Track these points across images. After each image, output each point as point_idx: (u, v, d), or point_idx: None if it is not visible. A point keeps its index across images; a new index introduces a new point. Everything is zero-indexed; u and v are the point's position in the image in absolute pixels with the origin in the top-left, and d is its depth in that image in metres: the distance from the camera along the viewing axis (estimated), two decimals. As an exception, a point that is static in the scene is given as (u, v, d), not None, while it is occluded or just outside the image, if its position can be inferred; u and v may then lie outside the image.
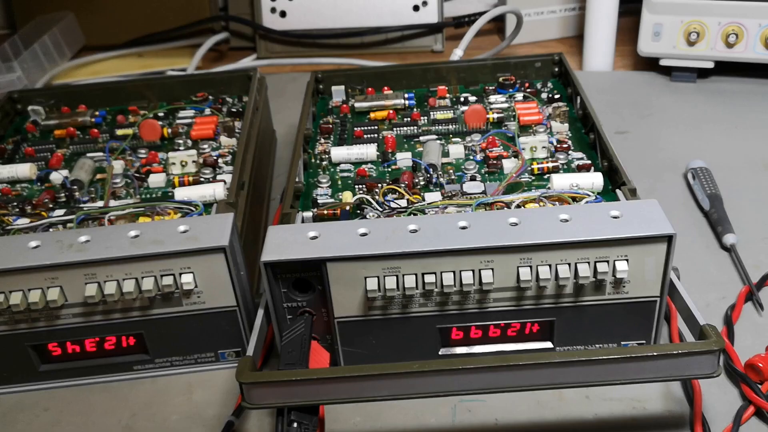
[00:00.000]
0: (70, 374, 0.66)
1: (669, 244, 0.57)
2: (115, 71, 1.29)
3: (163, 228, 0.61)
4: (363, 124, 0.83)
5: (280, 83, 1.17)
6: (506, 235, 0.57)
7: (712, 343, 0.52)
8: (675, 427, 0.59)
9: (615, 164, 0.68)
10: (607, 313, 0.61)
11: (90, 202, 0.72)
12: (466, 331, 0.62)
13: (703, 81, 1.12)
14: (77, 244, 0.60)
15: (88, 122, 0.87)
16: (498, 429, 0.60)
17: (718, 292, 0.71)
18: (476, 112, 0.80)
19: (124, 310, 0.62)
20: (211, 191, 0.70)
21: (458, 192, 0.69)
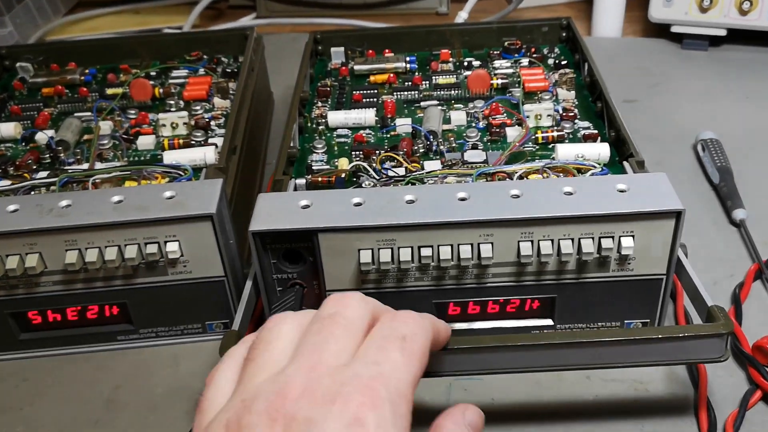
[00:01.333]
0: (52, 343, 0.64)
1: (677, 220, 0.55)
2: (110, 28, 1.26)
3: (147, 193, 0.59)
4: (362, 88, 0.80)
5: (279, 43, 1.14)
6: (507, 207, 0.55)
7: (720, 326, 0.50)
8: (679, 410, 0.57)
9: (623, 135, 0.65)
10: (610, 291, 0.59)
11: (76, 164, 0.69)
12: (463, 307, 0.60)
13: (715, 49, 1.09)
14: (57, 209, 0.57)
15: (78, 80, 0.84)
16: (494, 409, 0.58)
17: (726, 270, 0.69)
18: (480, 77, 0.78)
19: (107, 278, 0.60)
20: (202, 155, 0.67)
21: (459, 161, 0.66)
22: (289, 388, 0.36)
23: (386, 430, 0.35)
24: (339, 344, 0.38)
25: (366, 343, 0.39)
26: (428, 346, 0.41)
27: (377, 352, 0.38)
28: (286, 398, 0.35)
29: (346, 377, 0.36)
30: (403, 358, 0.38)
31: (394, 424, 0.35)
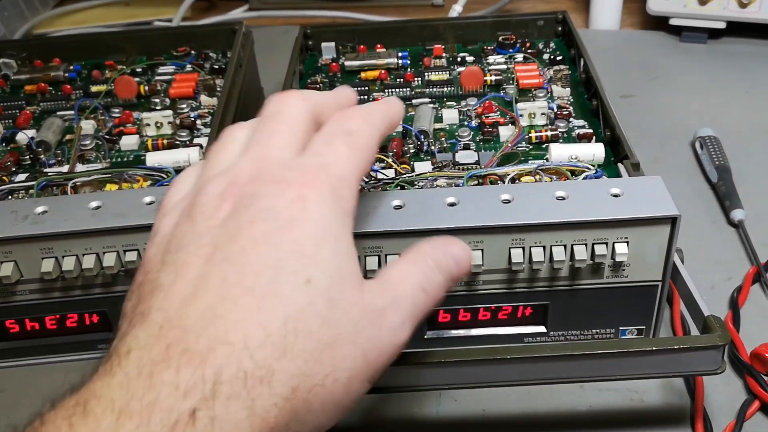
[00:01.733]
0: (30, 353, 0.62)
1: (673, 226, 0.53)
2: (99, 21, 1.23)
3: (127, 198, 0.57)
4: (353, 85, 0.78)
5: (271, 36, 1.12)
6: (498, 213, 0.53)
7: (717, 338, 0.48)
8: (674, 421, 0.55)
9: (618, 135, 0.63)
10: (604, 298, 0.57)
11: (57, 166, 0.67)
12: (453, 314, 0.58)
13: (714, 42, 1.07)
14: (33, 215, 0.55)
15: (62, 77, 0.82)
16: (485, 420, 0.56)
17: (723, 273, 0.67)
18: (473, 73, 0.76)
19: (86, 286, 0.58)
20: (186, 156, 0.66)
21: (450, 162, 0.64)
22: (239, 175, 0.39)
23: (324, 207, 0.38)
24: (283, 139, 0.41)
25: (313, 138, 0.42)
26: (376, 140, 0.44)
27: (322, 146, 0.41)
28: (235, 183, 0.39)
29: (291, 165, 0.40)
30: (348, 149, 0.41)
31: (333, 204, 0.38)
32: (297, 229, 0.37)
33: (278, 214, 0.37)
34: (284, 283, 0.35)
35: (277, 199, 0.38)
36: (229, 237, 0.37)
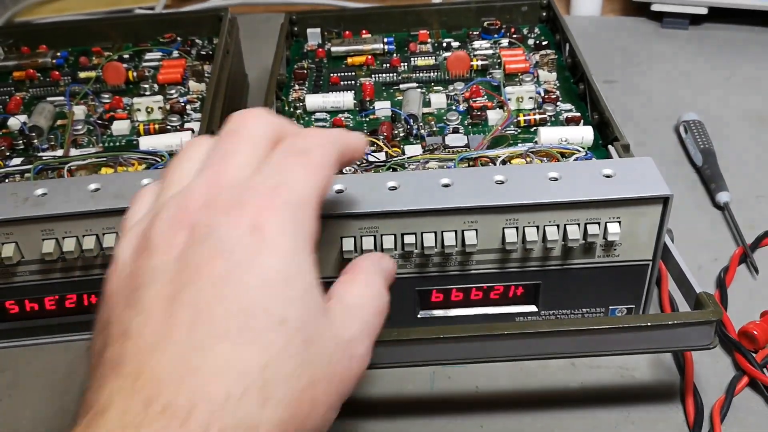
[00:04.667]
0: (30, 333, 0.62)
1: (665, 205, 0.54)
2: (79, 8, 1.23)
3: (125, 181, 0.57)
4: (340, 70, 0.79)
5: (253, 23, 1.12)
6: (492, 194, 0.54)
7: (710, 313, 0.49)
8: (665, 397, 0.56)
9: (606, 118, 0.64)
10: (596, 277, 0.58)
11: (50, 150, 0.67)
12: (446, 294, 0.59)
13: (696, 28, 1.08)
14: (33, 198, 0.56)
15: (49, 64, 0.82)
16: (478, 397, 0.57)
17: (710, 254, 0.68)
18: (459, 59, 0.76)
19: (85, 267, 0.58)
20: (178, 140, 0.66)
21: (440, 145, 0.65)
22: (192, 199, 0.38)
23: (285, 236, 0.36)
24: (240, 157, 0.40)
25: (268, 157, 0.40)
26: (334, 158, 0.42)
27: (278, 166, 0.39)
28: (188, 209, 0.37)
29: (246, 187, 0.38)
30: (305, 169, 0.39)
31: (294, 231, 0.37)
32: (260, 265, 0.35)
33: (237, 247, 0.35)
34: (257, 326, 0.34)
35: (232, 230, 0.36)
36: (190, 276, 0.35)
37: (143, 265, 0.37)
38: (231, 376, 0.33)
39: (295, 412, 0.34)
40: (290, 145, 0.41)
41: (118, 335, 0.35)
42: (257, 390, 0.33)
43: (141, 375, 0.33)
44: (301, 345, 0.35)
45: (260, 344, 0.34)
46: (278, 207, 0.37)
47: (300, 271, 0.37)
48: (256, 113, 0.42)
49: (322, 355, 0.36)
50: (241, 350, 0.33)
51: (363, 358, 0.39)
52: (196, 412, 0.31)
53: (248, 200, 0.37)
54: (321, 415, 0.36)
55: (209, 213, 0.37)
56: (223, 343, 0.33)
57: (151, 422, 0.31)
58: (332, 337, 0.37)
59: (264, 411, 0.33)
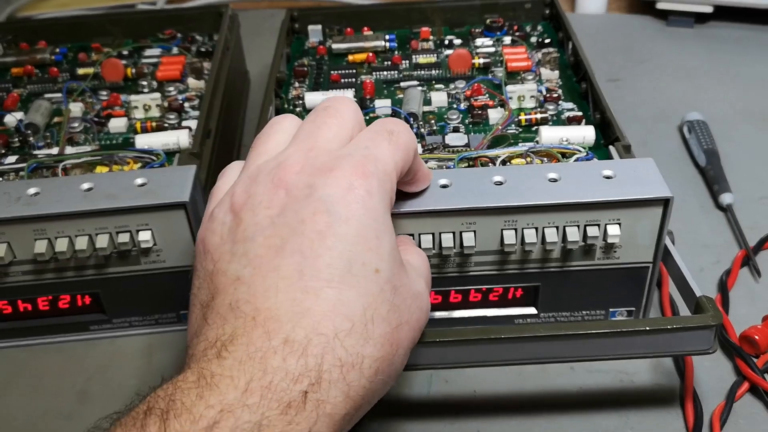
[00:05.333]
0: (22, 334, 0.62)
1: (665, 207, 0.53)
2: (82, 4, 1.22)
3: (118, 180, 0.57)
4: (340, 68, 0.78)
5: (256, 19, 1.11)
6: (490, 195, 0.53)
7: (709, 318, 0.49)
8: (664, 402, 0.56)
9: (608, 117, 0.64)
10: (596, 279, 0.57)
11: (46, 148, 0.67)
12: (445, 296, 0.59)
13: (701, 26, 1.07)
14: (26, 197, 0.55)
15: (48, 60, 0.81)
16: (477, 401, 0.57)
17: (712, 256, 0.68)
18: (461, 56, 0.76)
19: (78, 267, 0.58)
20: (175, 139, 0.65)
21: (440, 144, 0.65)
22: (290, 164, 0.42)
23: (375, 198, 0.41)
24: (332, 131, 0.45)
25: (358, 135, 0.45)
26: (413, 148, 0.47)
27: (368, 140, 0.44)
28: (287, 171, 0.42)
29: (340, 155, 0.43)
30: (390, 145, 0.44)
31: (382, 196, 0.42)
32: (357, 220, 0.40)
33: (337, 204, 0.40)
34: (357, 274, 0.39)
35: (332, 188, 0.41)
36: (293, 229, 0.40)
37: (246, 219, 0.41)
38: (338, 317, 0.38)
39: (387, 351, 0.40)
40: (380, 125, 0.46)
41: (229, 283, 0.40)
42: (361, 328, 0.39)
43: (259, 314, 0.38)
44: (391, 293, 0.41)
45: (360, 289, 0.39)
46: (369, 173, 0.42)
47: (387, 229, 0.42)
48: (348, 99, 0.48)
49: (404, 303, 0.42)
50: (345, 294, 0.39)
51: (428, 311, 0.45)
52: (311, 345, 0.37)
53: (343, 165, 0.42)
54: (401, 357, 0.41)
55: (307, 175, 0.41)
56: (329, 287, 0.39)
57: (275, 351, 0.37)
58: (410, 289, 0.43)
59: (366, 347, 0.38)
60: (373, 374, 0.39)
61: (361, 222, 0.40)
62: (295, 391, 0.36)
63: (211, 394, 0.35)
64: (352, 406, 0.38)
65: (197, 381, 0.36)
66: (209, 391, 0.35)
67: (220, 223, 0.43)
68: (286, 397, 0.36)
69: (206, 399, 0.35)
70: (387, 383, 0.41)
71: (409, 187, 0.52)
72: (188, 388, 0.36)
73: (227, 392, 0.35)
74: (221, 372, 0.36)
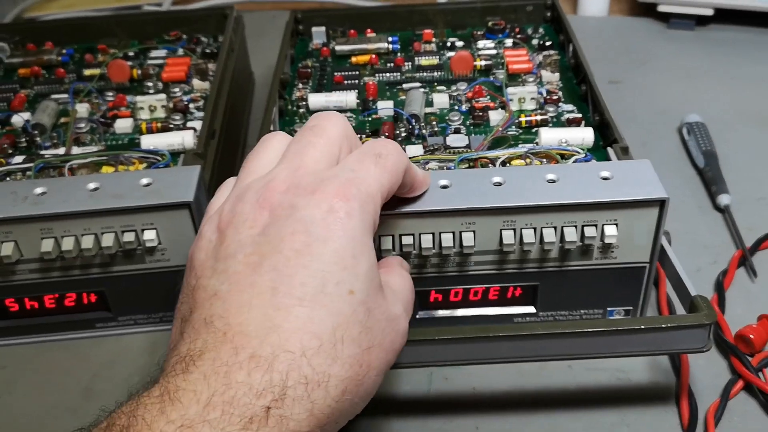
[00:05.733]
0: (29, 331, 0.63)
1: (661, 208, 0.54)
2: (88, 5, 1.23)
3: (124, 180, 0.57)
4: (344, 69, 0.79)
5: (260, 21, 1.12)
6: (489, 195, 0.54)
7: (703, 317, 0.49)
8: (660, 399, 0.56)
9: (607, 119, 0.64)
10: (593, 279, 0.58)
11: (52, 148, 0.68)
12: (445, 294, 0.59)
13: (702, 29, 1.08)
14: (33, 197, 0.56)
15: (55, 61, 0.82)
16: (476, 398, 0.57)
17: (709, 256, 0.68)
18: (463, 59, 0.77)
19: (84, 266, 0.59)
20: (180, 139, 0.66)
21: (441, 145, 0.65)
22: (275, 184, 0.43)
23: (352, 218, 0.41)
24: (318, 152, 0.45)
25: (347, 157, 0.46)
26: (402, 169, 0.47)
27: (354, 163, 0.45)
28: (273, 191, 0.43)
29: (325, 176, 0.43)
30: (377, 168, 0.45)
31: (360, 216, 0.42)
32: (335, 241, 0.41)
33: (316, 225, 0.41)
34: (330, 293, 0.40)
35: (313, 210, 0.41)
36: (273, 247, 0.41)
37: (229, 237, 0.42)
38: (306, 335, 0.38)
39: (356, 372, 0.40)
40: (369, 147, 0.46)
41: (206, 298, 0.41)
42: (329, 348, 0.39)
43: (230, 329, 0.38)
44: (364, 314, 0.41)
45: (332, 309, 0.39)
46: (351, 196, 0.42)
47: (365, 251, 0.42)
48: (334, 116, 0.48)
49: (378, 326, 0.42)
50: (316, 313, 0.39)
51: (404, 335, 0.45)
52: (277, 361, 0.37)
53: (326, 187, 0.42)
54: (372, 378, 0.41)
55: (291, 195, 0.42)
56: (301, 305, 0.39)
57: (240, 366, 0.37)
58: (385, 311, 0.43)
59: (333, 366, 0.39)
60: (340, 394, 0.39)
61: (339, 243, 0.41)
62: (258, 406, 0.36)
63: (173, 409, 0.36)
64: (316, 424, 0.38)
65: (161, 396, 0.36)
66: (171, 406, 0.36)
67: (207, 241, 0.44)
68: (248, 411, 0.36)
69: (167, 414, 0.36)
70: (355, 405, 0.41)
71: (408, 195, 0.53)
72: (151, 404, 0.36)
73: (189, 407, 0.36)
74: (185, 386, 0.36)
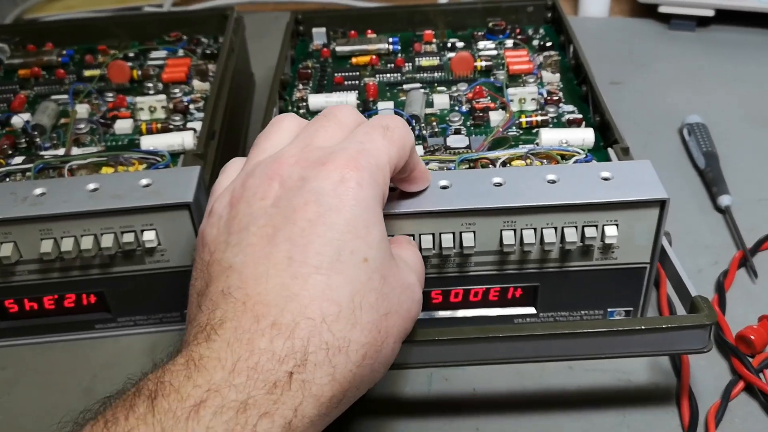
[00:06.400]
0: (29, 332, 0.63)
1: (662, 209, 0.54)
2: (88, 6, 1.23)
3: (123, 181, 0.57)
4: (344, 70, 0.79)
5: (261, 22, 1.12)
6: (489, 196, 0.54)
7: (704, 317, 0.49)
8: (661, 400, 0.56)
9: (607, 120, 0.64)
10: (593, 280, 0.58)
11: (52, 149, 0.68)
12: (445, 295, 0.59)
13: (703, 30, 1.08)
14: (32, 197, 0.56)
15: (55, 62, 0.82)
16: (476, 399, 0.57)
17: (710, 257, 0.68)
18: (463, 59, 0.76)
19: (84, 267, 0.59)
20: (180, 140, 0.66)
21: (441, 146, 0.65)
22: (285, 158, 0.44)
23: (366, 190, 0.42)
24: (329, 132, 0.46)
25: (354, 130, 0.47)
26: (409, 144, 0.48)
27: (363, 135, 0.46)
28: (282, 164, 0.44)
29: (335, 149, 0.44)
30: (384, 140, 0.45)
31: (373, 188, 0.43)
32: (347, 210, 0.41)
33: (328, 195, 0.41)
34: (346, 261, 0.41)
35: (324, 181, 0.42)
36: (285, 218, 0.41)
37: (242, 211, 0.43)
38: (325, 302, 0.39)
39: (375, 337, 0.41)
40: (376, 120, 0.47)
41: (222, 271, 0.41)
42: (348, 314, 0.40)
43: (249, 299, 0.39)
44: (379, 281, 0.42)
45: (348, 277, 0.40)
46: (361, 167, 0.43)
47: (377, 221, 0.43)
48: (347, 106, 0.49)
49: (393, 292, 0.43)
50: (334, 280, 0.40)
51: (419, 303, 0.46)
52: (298, 328, 0.38)
53: (336, 158, 0.43)
54: (390, 345, 0.42)
55: (301, 168, 0.43)
56: (318, 273, 0.40)
57: (262, 334, 0.38)
58: (399, 279, 0.44)
59: (353, 332, 0.40)
60: (360, 359, 0.40)
61: (351, 212, 0.41)
62: (281, 372, 0.37)
63: (198, 375, 0.37)
64: (339, 389, 0.39)
65: (186, 364, 0.37)
66: (197, 372, 0.37)
67: (218, 217, 0.44)
68: (272, 377, 0.37)
69: (194, 380, 0.36)
70: (375, 371, 0.42)
71: (407, 186, 0.53)
72: (177, 371, 0.37)
73: (214, 373, 0.37)
74: (209, 354, 0.37)
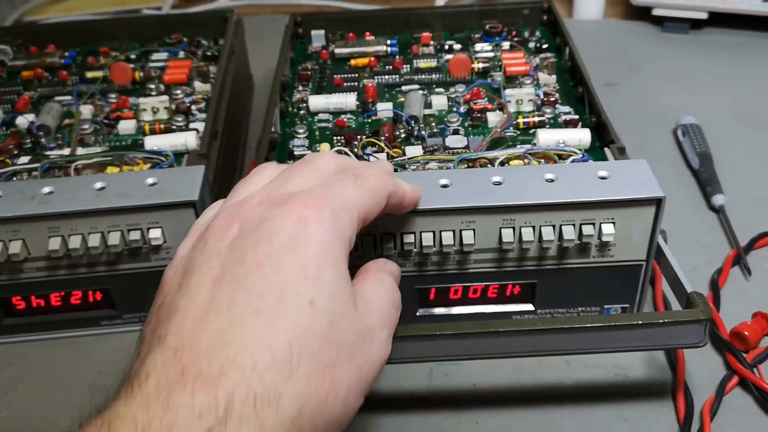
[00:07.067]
0: (35, 328, 0.63)
1: (658, 207, 0.55)
2: (88, 8, 1.24)
3: (130, 180, 0.58)
4: (343, 72, 0.80)
5: (259, 24, 1.13)
6: (489, 194, 0.55)
7: (699, 312, 0.50)
8: (657, 395, 0.57)
9: (603, 120, 0.65)
10: (591, 277, 0.59)
11: (57, 149, 0.69)
12: (444, 292, 0.60)
13: (696, 33, 1.09)
14: (40, 196, 0.57)
15: (57, 63, 0.83)
16: (475, 394, 0.58)
17: (705, 255, 0.69)
18: (461, 61, 0.78)
19: (90, 264, 0.60)
20: (183, 140, 0.67)
21: (440, 146, 0.66)
22: (250, 201, 0.43)
23: (324, 230, 0.40)
24: (303, 178, 0.45)
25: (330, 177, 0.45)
26: (384, 192, 0.46)
27: (334, 181, 0.44)
28: (245, 206, 0.42)
29: (299, 192, 0.43)
30: (355, 187, 0.44)
31: (333, 228, 0.41)
32: (300, 250, 0.39)
33: (282, 235, 0.40)
34: (289, 305, 0.38)
35: (281, 221, 0.40)
36: (237, 259, 0.39)
37: (197, 253, 0.41)
38: (259, 349, 0.36)
39: (316, 389, 0.37)
40: (350, 170, 0.46)
41: (167, 315, 0.39)
42: (283, 362, 0.36)
43: (181, 347, 0.36)
44: (326, 327, 0.38)
45: (289, 321, 0.37)
46: (323, 206, 0.41)
47: (332, 262, 0.40)
48: (327, 153, 0.48)
49: (344, 339, 0.39)
50: (271, 325, 0.37)
51: (382, 347, 0.43)
52: (224, 378, 0.35)
53: (296, 200, 0.41)
54: (341, 398, 0.38)
55: (263, 208, 0.41)
56: (256, 318, 0.37)
57: (184, 386, 0.35)
58: (354, 323, 0.40)
59: (287, 383, 0.36)
60: (296, 413, 0.36)
61: (304, 253, 0.39)
62: (201, 428, 0.33)
63: None
64: None
65: (98, 428, 0.34)
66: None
67: (179, 259, 0.43)
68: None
69: None
70: (326, 427, 0.38)
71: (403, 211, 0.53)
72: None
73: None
74: (124, 414, 0.34)
